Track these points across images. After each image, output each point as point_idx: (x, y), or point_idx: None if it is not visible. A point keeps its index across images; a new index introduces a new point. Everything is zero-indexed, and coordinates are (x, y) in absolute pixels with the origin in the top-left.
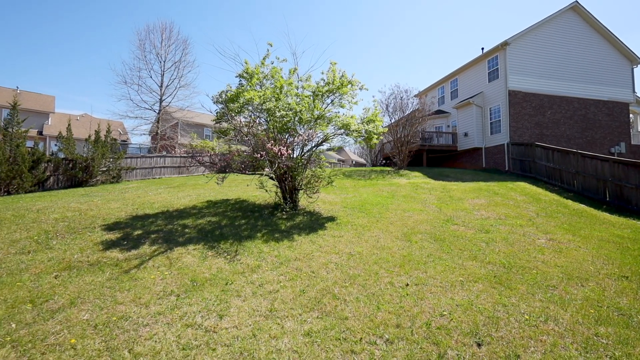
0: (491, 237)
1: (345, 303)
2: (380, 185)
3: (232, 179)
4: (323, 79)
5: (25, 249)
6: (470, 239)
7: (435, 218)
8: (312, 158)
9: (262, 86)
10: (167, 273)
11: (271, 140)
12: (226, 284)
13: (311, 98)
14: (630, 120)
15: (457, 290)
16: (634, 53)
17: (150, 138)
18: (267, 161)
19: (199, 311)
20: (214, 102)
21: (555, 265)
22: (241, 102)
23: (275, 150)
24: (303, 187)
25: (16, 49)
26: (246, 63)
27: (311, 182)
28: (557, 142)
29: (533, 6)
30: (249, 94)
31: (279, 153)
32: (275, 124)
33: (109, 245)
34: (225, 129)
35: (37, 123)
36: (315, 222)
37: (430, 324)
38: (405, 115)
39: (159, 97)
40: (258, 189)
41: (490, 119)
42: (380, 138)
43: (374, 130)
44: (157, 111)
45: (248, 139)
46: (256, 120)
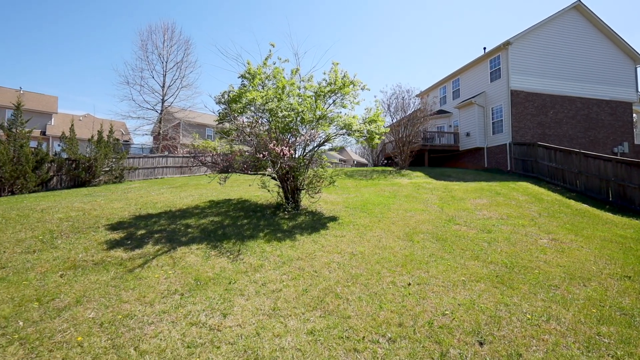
0: (493, 237)
1: (348, 302)
2: (382, 185)
3: (234, 179)
4: (325, 79)
5: (31, 248)
6: (472, 238)
7: (437, 218)
8: (314, 158)
9: (265, 86)
10: (171, 272)
11: (273, 141)
12: (229, 283)
13: (313, 98)
14: (634, 120)
15: (459, 290)
16: (637, 52)
17: (153, 138)
18: (270, 161)
19: (203, 310)
20: (217, 103)
21: (558, 265)
22: (243, 103)
23: (277, 151)
24: (305, 187)
25: (17, 49)
26: (248, 64)
27: (313, 182)
28: (560, 142)
29: (535, 7)
30: (252, 94)
31: (281, 153)
32: (278, 124)
33: (113, 244)
34: (228, 129)
35: (40, 123)
36: (317, 222)
37: (432, 323)
38: (407, 115)
39: (161, 98)
40: (260, 189)
41: (493, 119)
42: (382, 138)
43: (376, 131)
44: (160, 111)
45: (250, 139)
46: (258, 121)
